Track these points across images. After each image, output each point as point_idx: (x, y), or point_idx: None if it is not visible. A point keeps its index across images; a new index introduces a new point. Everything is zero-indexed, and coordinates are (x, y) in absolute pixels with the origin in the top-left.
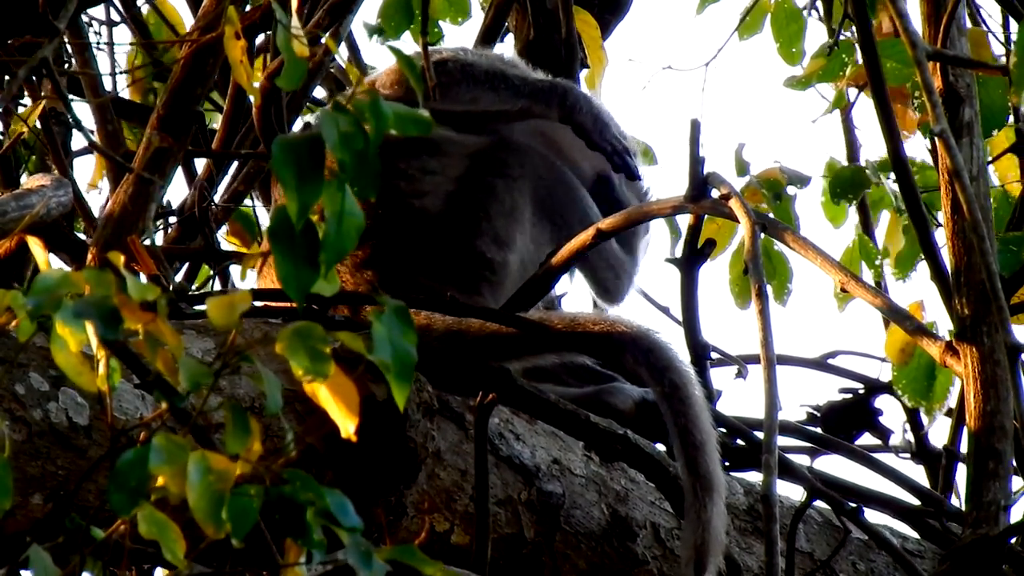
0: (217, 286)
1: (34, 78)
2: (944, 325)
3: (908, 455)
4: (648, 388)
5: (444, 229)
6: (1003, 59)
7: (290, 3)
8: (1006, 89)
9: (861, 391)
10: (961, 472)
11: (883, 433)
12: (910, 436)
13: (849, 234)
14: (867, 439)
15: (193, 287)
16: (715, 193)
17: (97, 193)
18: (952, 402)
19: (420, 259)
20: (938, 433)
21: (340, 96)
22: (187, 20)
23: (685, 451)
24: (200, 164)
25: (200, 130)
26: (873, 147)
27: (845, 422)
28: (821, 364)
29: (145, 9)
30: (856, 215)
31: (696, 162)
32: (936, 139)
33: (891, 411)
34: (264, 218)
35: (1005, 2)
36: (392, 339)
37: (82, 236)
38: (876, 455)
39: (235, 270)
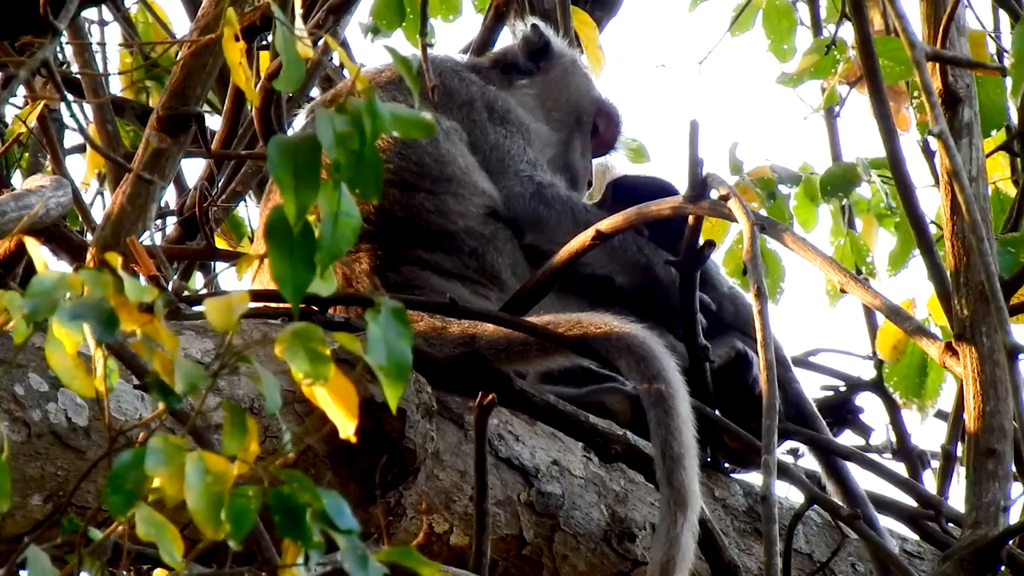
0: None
1: (32, 77)
2: (933, 323)
3: (889, 454)
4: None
5: (473, 242)
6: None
7: (290, 4)
8: (1004, 89)
9: (843, 389)
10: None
11: (865, 431)
12: (892, 435)
13: (822, 237)
14: (849, 437)
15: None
16: (714, 194)
17: (86, 192)
18: (942, 401)
19: (438, 261)
20: (925, 431)
21: (340, 96)
22: (176, 20)
23: (663, 463)
24: (191, 165)
25: (201, 130)
26: (861, 146)
27: (827, 420)
28: (803, 362)
29: (134, 9)
30: (828, 220)
31: (695, 163)
32: (935, 140)
33: (872, 409)
34: (255, 217)
35: (1004, 2)
36: (387, 340)
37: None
38: (871, 455)
39: (220, 269)
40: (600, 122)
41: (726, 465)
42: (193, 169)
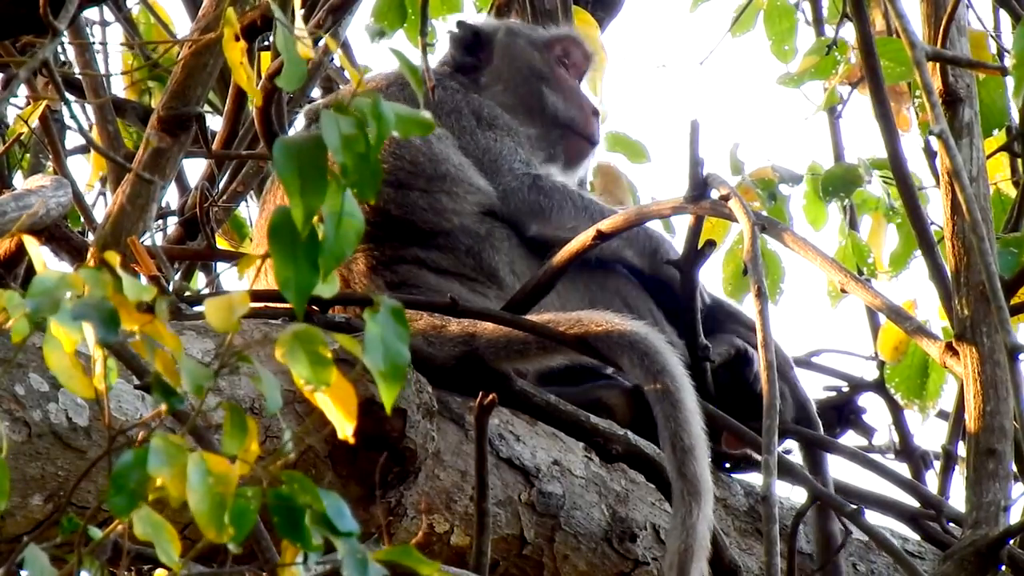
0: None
1: (33, 77)
2: (935, 323)
3: (892, 454)
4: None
5: (469, 240)
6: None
7: (291, 4)
8: (1005, 89)
9: (845, 389)
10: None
11: (867, 431)
12: (895, 435)
13: (830, 236)
14: (851, 437)
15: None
16: (714, 194)
17: (89, 192)
18: (944, 401)
19: (435, 260)
20: (926, 432)
21: (340, 96)
22: (177, 20)
23: (674, 455)
24: (192, 165)
25: (201, 130)
26: (863, 146)
27: (829, 420)
28: (805, 362)
29: (136, 9)
30: (837, 218)
31: (696, 163)
32: (936, 139)
33: (875, 410)
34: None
35: (1005, 2)
36: (385, 341)
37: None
38: (872, 455)
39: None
40: (563, 53)
41: (727, 465)
42: (194, 169)
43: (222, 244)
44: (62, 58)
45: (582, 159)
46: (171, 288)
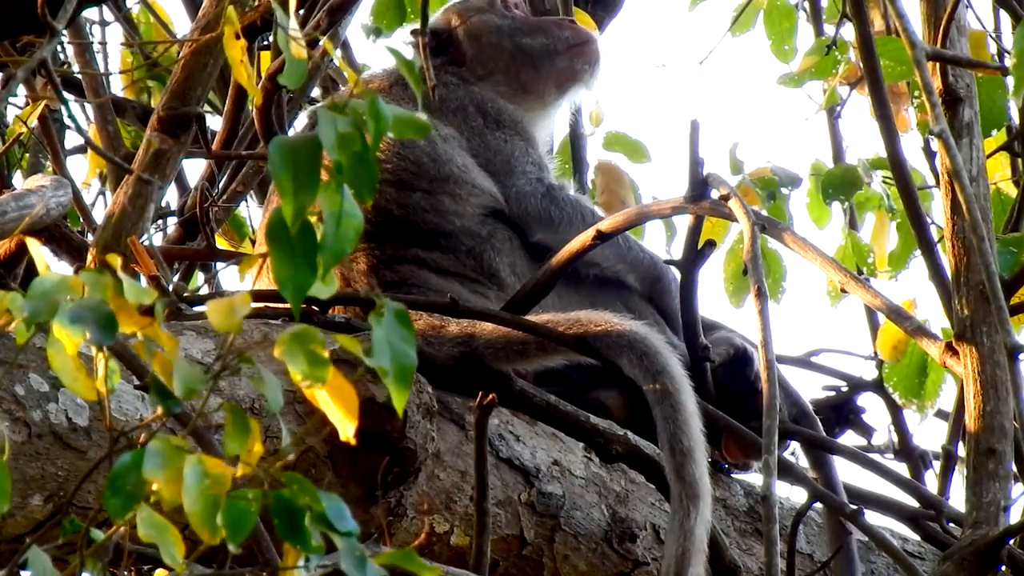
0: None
1: (32, 76)
2: (936, 323)
3: (891, 454)
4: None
5: (471, 241)
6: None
7: (289, 4)
8: (1005, 89)
9: (844, 389)
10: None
11: (866, 431)
12: (894, 435)
13: (833, 235)
14: (851, 437)
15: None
16: (714, 193)
17: (88, 192)
18: (943, 401)
19: (436, 260)
20: (925, 432)
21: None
22: (177, 20)
23: (672, 457)
24: (192, 165)
25: (201, 131)
26: (863, 146)
27: (828, 420)
28: (804, 362)
29: (136, 9)
30: (840, 216)
31: (696, 163)
32: (936, 139)
33: (874, 409)
34: (257, 218)
35: (1005, 2)
36: (391, 343)
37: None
38: (872, 455)
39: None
40: (504, 1)
41: (726, 466)
42: (194, 169)
43: (222, 244)
44: (61, 58)
45: (597, 56)
46: (171, 289)
